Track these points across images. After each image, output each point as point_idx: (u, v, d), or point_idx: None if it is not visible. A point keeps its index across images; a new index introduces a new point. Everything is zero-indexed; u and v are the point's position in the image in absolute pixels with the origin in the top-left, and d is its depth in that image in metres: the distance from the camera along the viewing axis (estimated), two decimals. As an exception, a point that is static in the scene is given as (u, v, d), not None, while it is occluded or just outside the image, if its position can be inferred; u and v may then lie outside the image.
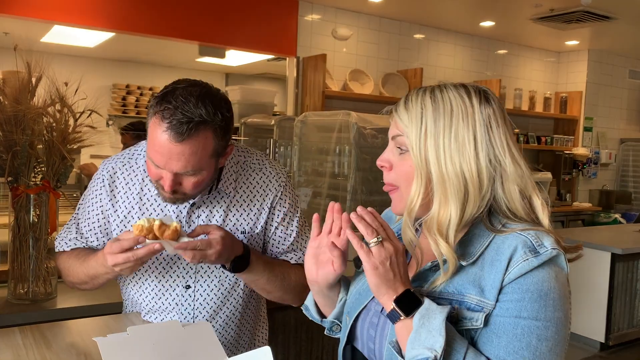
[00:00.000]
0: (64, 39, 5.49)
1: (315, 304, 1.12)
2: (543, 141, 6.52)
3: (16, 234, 1.67)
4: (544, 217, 0.92)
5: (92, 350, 1.18)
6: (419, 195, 0.92)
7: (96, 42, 5.77)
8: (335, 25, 5.16)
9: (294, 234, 1.48)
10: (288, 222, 1.47)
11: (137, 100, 7.40)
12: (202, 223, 1.37)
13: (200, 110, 1.17)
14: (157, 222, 1.19)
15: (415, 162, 0.92)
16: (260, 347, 1.01)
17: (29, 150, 1.63)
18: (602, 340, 3.95)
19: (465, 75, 6.11)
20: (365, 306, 1.02)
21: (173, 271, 1.39)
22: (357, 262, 1.09)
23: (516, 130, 6.40)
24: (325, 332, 1.14)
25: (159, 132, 1.18)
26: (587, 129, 6.76)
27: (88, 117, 1.71)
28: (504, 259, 0.87)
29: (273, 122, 4.00)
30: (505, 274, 0.86)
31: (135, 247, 1.20)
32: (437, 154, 0.90)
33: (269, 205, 1.43)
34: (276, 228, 1.45)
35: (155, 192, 1.37)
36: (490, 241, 0.90)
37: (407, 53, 5.66)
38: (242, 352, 1.45)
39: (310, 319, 1.16)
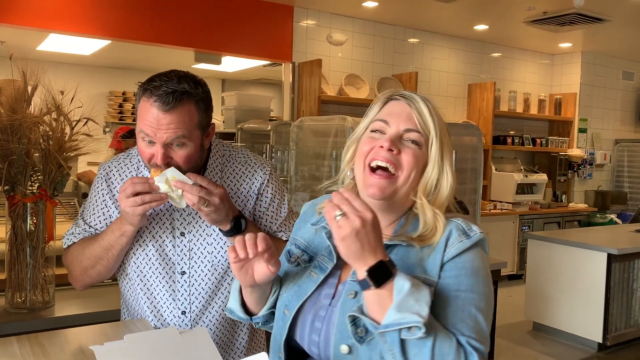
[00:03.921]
0: (59, 47, 5.50)
1: (242, 305, 1.15)
2: (538, 143, 6.55)
3: (13, 242, 1.67)
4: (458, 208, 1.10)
5: (89, 359, 1.19)
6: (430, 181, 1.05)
7: (92, 50, 5.78)
8: (330, 30, 5.18)
9: (282, 215, 1.55)
10: (278, 205, 1.54)
11: (133, 107, 7.43)
12: (191, 211, 1.45)
13: (182, 85, 1.31)
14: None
15: (432, 157, 1.05)
16: (256, 352, 1.02)
17: (26, 159, 1.64)
18: (600, 340, 3.96)
19: (460, 78, 6.14)
20: (308, 299, 1.06)
21: (169, 258, 1.44)
22: (288, 256, 1.15)
23: (511, 132, 6.44)
24: (257, 326, 1.17)
25: (148, 106, 1.30)
26: (582, 130, 6.79)
27: (84, 125, 1.72)
28: (442, 241, 1.01)
29: (269, 127, 4.01)
30: (444, 253, 1.00)
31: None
32: (442, 154, 1.06)
33: (255, 192, 1.51)
34: (266, 209, 1.52)
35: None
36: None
37: (401, 57, 5.68)
38: (238, 357, 1.46)
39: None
